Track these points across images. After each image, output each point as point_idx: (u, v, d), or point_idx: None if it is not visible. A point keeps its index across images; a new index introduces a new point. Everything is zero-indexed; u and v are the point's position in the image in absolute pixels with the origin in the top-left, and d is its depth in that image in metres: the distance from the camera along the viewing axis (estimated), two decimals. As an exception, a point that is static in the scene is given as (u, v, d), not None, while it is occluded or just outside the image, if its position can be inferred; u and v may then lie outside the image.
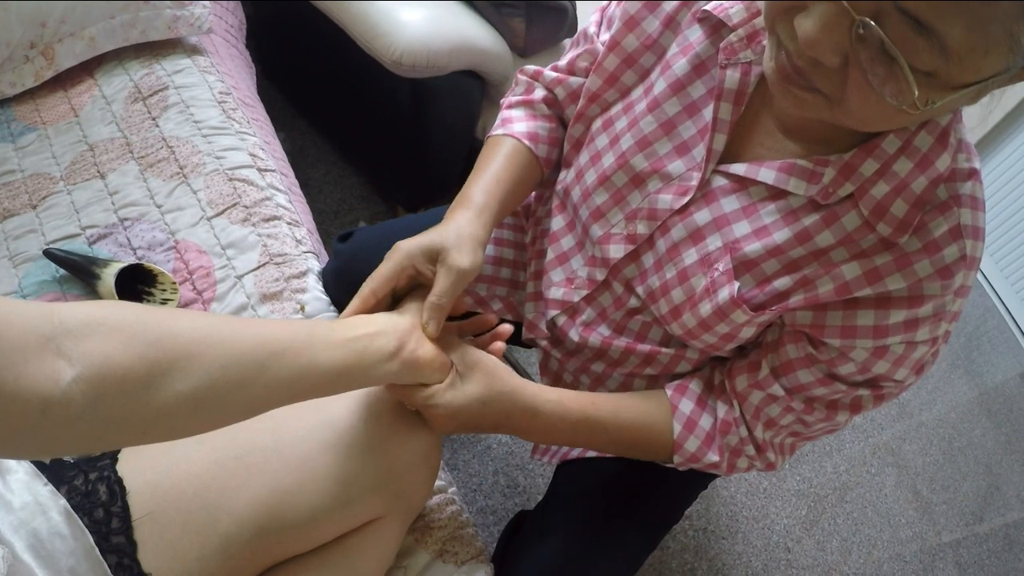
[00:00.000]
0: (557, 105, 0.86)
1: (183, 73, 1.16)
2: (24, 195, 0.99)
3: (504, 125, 0.84)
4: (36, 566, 0.56)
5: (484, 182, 0.77)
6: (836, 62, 0.50)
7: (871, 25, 0.45)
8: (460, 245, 0.68)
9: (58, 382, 0.43)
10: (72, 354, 0.44)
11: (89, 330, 0.46)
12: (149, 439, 0.52)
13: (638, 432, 0.75)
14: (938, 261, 0.59)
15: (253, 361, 0.53)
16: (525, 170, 0.81)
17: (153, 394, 0.47)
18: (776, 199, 0.66)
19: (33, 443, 0.44)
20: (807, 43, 0.49)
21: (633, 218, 0.74)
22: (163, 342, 0.49)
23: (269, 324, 0.58)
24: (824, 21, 0.48)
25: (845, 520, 1.75)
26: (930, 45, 0.45)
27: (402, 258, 0.68)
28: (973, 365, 2.32)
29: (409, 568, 0.78)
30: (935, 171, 0.59)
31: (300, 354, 0.56)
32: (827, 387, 0.68)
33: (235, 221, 0.99)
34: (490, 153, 0.81)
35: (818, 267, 0.64)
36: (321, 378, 0.58)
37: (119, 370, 0.46)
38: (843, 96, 0.52)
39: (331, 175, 1.87)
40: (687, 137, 0.70)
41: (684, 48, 0.70)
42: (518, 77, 0.88)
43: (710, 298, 0.68)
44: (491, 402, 0.68)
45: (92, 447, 0.50)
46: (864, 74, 0.49)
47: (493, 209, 0.75)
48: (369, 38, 1.38)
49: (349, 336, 0.60)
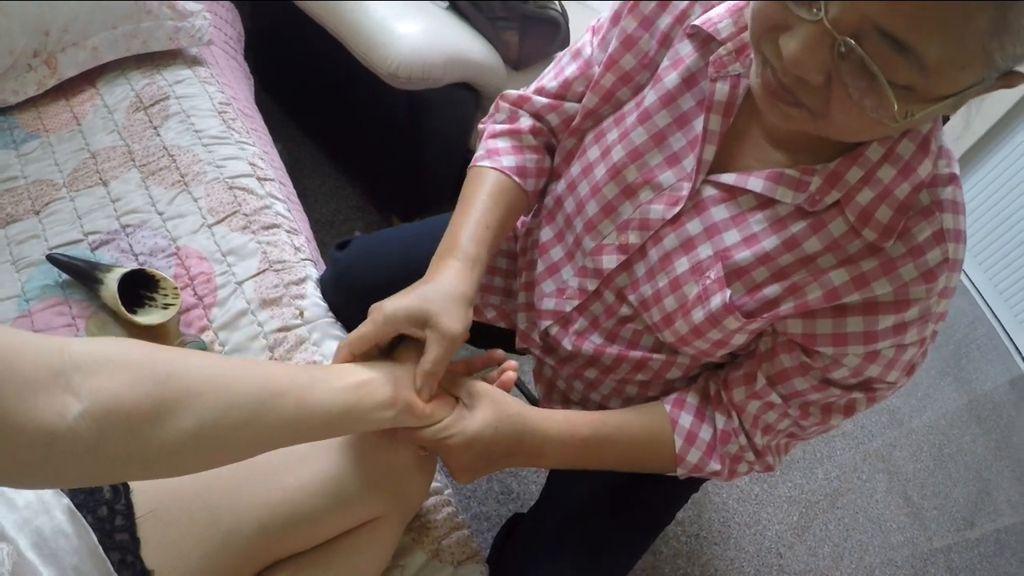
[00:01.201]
0: (544, 134, 0.85)
1: (184, 83, 1.18)
2: (27, 201, 1.00)
3: (490, 156, 0.82)
4: (40, 564, 0.57)
5: (473, 228, 0.75)
6: (820, 79, 0.52)
7: (852, 44, 0.48)
8: (447, 308, 0.67)
9: (65, 417, 0.44)
10: (80, 390, 0.45)
11: (99, 366, 0.47)
12: (152, 475, 0.53)
13: (644, 446, 0.77)
14: (922, 265, 0.61)
15: (255, 401, 0.55)
16: (513, 205, 0.81)
17: (158, 432, 0.49)
18: (764, 208, 0.67)
19: (39, 475, 0.46)
20: (792, 62, 0.51)
21: (625, 228, 0.75)
22: (170, 381, 0.50)
23: (271, 367, 0.60)
24: (807, 42, 0.50)
25: (836, 526, 1.77)
26: (909, 62, 0.47)
27: (384, 323, 0.66)
28: (962, 372, 2.34)
29: (406, 567, 0.79)
30: (917, 177, 0.61)
31: (300, 397, 0.58)
32: (822, 392, 0.70)
33: (235, 228, 1.01)
34: (477, 188, 0.80)
35: (806, 274, 0.66)
36: (319, 421, 0.59)
37: (126, 407, 0.47)
38: (827, 110, 0.54)
39: (327, 186, 1.89)
40: (677, 148, 0.72)
41: (675, 62, 0.71)
42: (499, 104, 0.86)
43: (702, 305, 0.70)
44: (501, 425, 0.68)
45: (96, 480, 0.52)
46: (846, 89, 0.51)
47: (483, 260, 0.74)
48: (366, 50, 1.40)
49: (347, 382, 0.62)
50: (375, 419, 0.63)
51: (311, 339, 0.93)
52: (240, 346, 0.91)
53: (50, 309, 0.89)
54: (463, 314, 0.68)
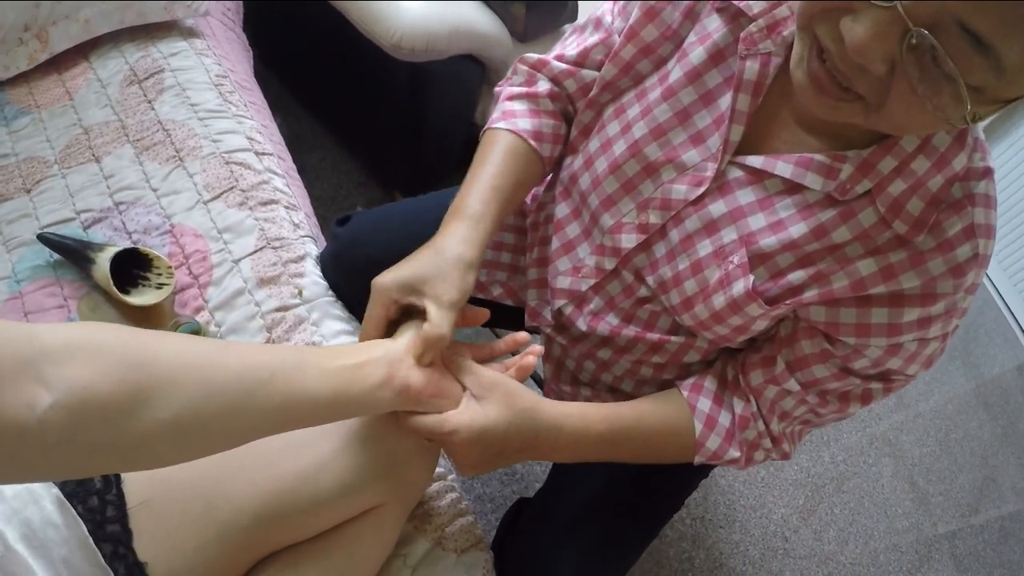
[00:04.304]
0: (562, 99, 0.82)
1: (179, 56, 1.15)
2: (18, 179, 0.97)
3: (506, 119, 0.79)
4: (29, 556, 0.56)
5: (481, 188, 0.72)
6: (882, 70, 0.48)
7: (927, 36, 0.44)
8: (443, 273, 0.64)
9: (35, 408, 0.41)
10: (51, 380, 0.43)
11: (69, 355, 0.44)
12: (131, 467, 0.50)
13: (661, 438, 0.74)
14: (951, 260, 0.59)
15: (239, 388, 0.51)
16: (526, 170, 0.78)
17: (135, 422, 0.46)
18: (792, 193, 0.65)
19: (10, 470, 0.43)
20: (856, 49, 0.47)
21: (645, 207, 0.73)
22: (146, 367, 0.47)
23: (257, 350, 0.56)
24: (876, 27, 0.46)
25: (842, 510, 1.76)
26: (987, 62, 0.43)
27: (381, 297, 0.65)
28: (971, 357, 2.32)
29: (409, 555, 0.77)
30: (951, 170, 0.59)
31: (288, 381, 0.54)
32: (841, 381, 0.68)
33: (232, 205, 0.98)
34: (489, 150, 0.77)
35: (833, 262, 0.63)
36: (309, 406, 0.56)
37: (99, 397, 0.44)
38: (884, 103, 0.50)
39: (327, 161, 1.85)
40: (702, 127, 0.69)
41: (702, 37, 0.68)
42: (517, 66, 0.84)
43: (724, 291, 0.68)
44: (516, 421, 0.64)
45: (73, 474, 0.49)
46: (910, 83, 0.47)
47: (490, 217, 0.71)
48: (368, 21, 1.36)
49: (338, 364, 0.58)
50: (372, 402, 0.59)
51: (310, 319, 0.90)
52: (237, 326, 0.88)
53: (41, 290, 0.86)
54: (459, 278, 0.65)
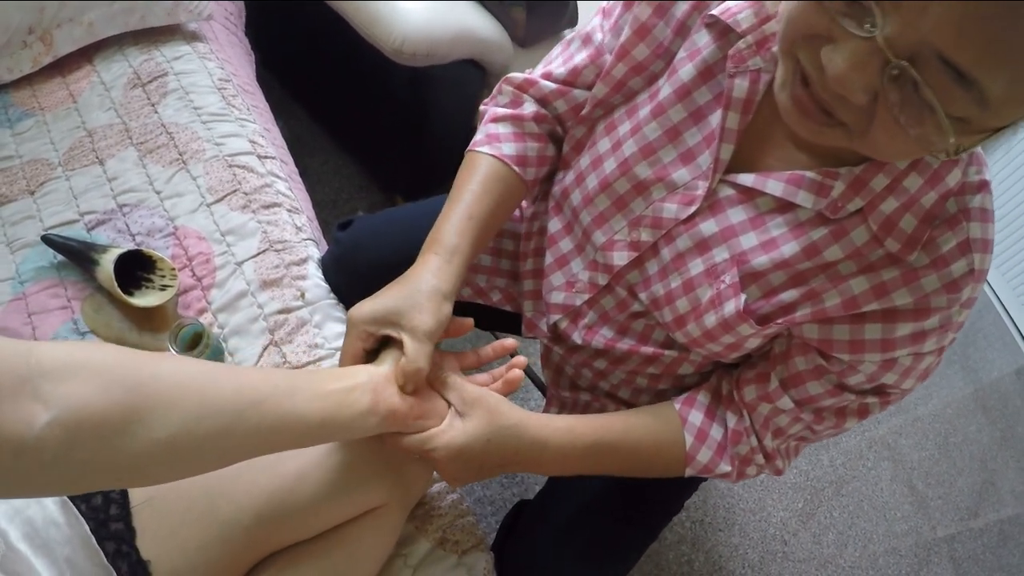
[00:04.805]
0: (548, 121, 0.81)
1: (182, 59, 1.15)
2: (22, 181, 0.98)
3: (490, 142, 0.78)
4: (31, 555, 0.56)
5: (456, 219, 0.72)
6: (864, 100, 0.47)
7: (907, 68, 0.43)
8: (418, 304, 0.64)
9: (32, 426, 0.42)
10: (48, 397, 0.43)
11: (68, 372, 0.45)
12: (125, 484, 0.51)
13: (649, 452, 0.73)
14: (945, 276, 0.59)
15: (231, 410, 0.52)
16: (507, 196, 0.77)
17: (129, 441, 0.47)
18: (784, 211, 0.64)
19: (7, 485, 0.44)
20: (836, 80, 0.47)
21: (636, 225, 0.72)
22: (142, 388, 0.48)
23: (250, 373, 0.57)
24: (855, 58, 0.45)
25: (841, 513, 1.76)
26: (969, 95, 0.42)
27: (357, 330, 0.65)
28: (969, 361, 2.32)
29: (409, 556, 0.78)
30: (945, 186, 0.58)
31: (280, 404, 0.55)
32: (836, 397, 0.68)
33: (235, 208, 0.98)
34: (470, 175, 0.76)
35: (825, 280, 0.63)
36: (300, 429, 0.57)
37: (96, 415, 0.45)
38: (867, 130, 0.50)
39: (329, 165, 1.86)
40: (692, 144, 0.69)
41: (691, 53, 0.67)
42: (503, 87, 0.83)
43: (716, 310, 0.67)
44: (496, 438, 0.65)
45: (68, 490, 0.49)
46: (892, 113, 0.46)
47: (464, 250, 0.71)
48: (369, 26, 1.37)
49: (328, 389, 0.59)
50: (358, 427, 0.60)
51: (312, 321, 0.91)
52: (239, 328, 0.89)
53: (45, 291, 0.87)
54: (435, 309, 0.65)
